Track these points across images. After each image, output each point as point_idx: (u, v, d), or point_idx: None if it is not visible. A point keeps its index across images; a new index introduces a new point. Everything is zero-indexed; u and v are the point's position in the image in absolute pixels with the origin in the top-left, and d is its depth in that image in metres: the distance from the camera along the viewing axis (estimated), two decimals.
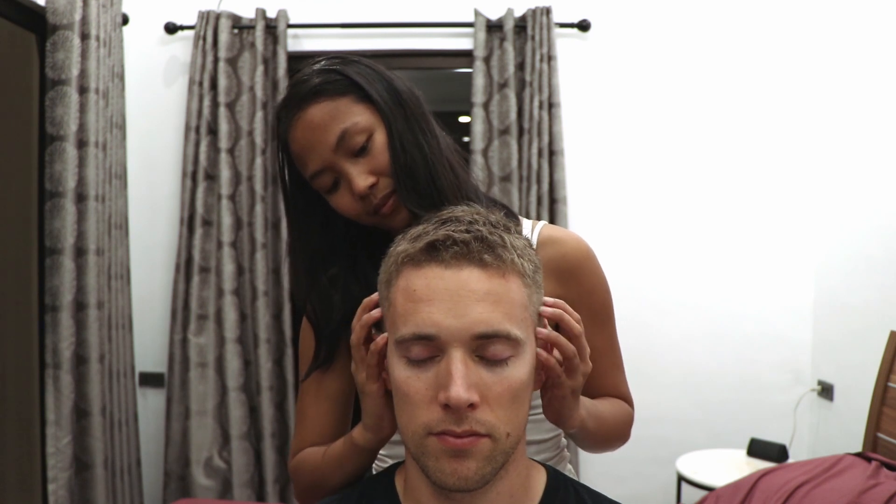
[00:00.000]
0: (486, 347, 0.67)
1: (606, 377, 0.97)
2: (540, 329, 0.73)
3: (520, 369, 0.69)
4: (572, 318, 0.75)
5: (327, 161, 0.86)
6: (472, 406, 0.66)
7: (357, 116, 0.86)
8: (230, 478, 2.64)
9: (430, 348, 0.68)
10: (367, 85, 0.88)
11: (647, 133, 2.71)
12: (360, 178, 0.86)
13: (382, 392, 0.77)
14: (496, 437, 0.67)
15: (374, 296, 0.77)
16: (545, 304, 0.75)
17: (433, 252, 0.69)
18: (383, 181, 0.87)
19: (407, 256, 0.70)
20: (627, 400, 1.00)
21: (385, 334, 0.73)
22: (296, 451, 0.96)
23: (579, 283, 0.94)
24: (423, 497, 0.74)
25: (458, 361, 0.66)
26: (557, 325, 0.75)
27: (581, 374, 0.76)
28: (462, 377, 0.65)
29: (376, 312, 0.75)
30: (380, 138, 0.87)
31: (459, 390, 0.65)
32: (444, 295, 0.67)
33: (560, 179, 2.61)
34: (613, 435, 0.94)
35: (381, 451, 1.01)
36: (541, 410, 0.94)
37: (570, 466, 1.06)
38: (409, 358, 0.69)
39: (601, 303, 0.96)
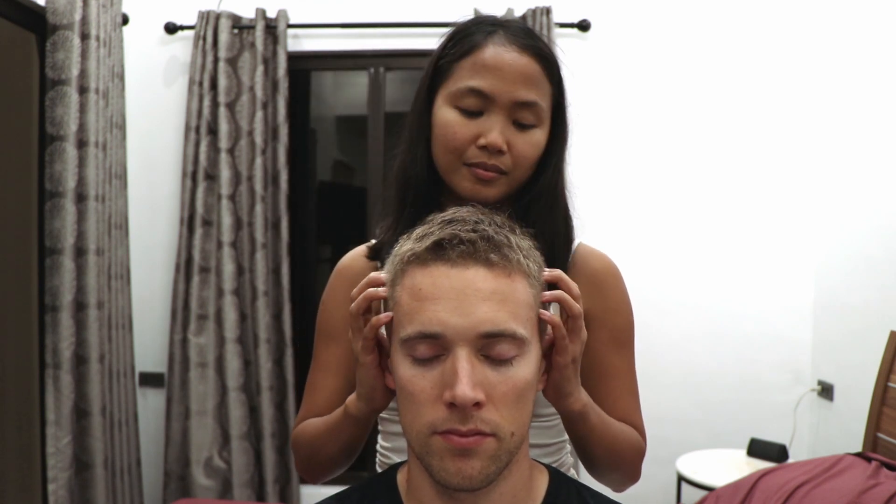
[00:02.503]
0: (491, 347, 0.67)
1: (620, 400, 0.95)
2: (545, 293, 0.73)
3: (525, 369, 0.69)
4: (570, 281, 0.75)
5: (499, 98, 0.87)
6: (477, 405, 0.66)
7: (545, 106, 0.90)
8: (230, 478, 2.64)
9: (435, 347, 0.68)
10: (565, 96, 0.94)
11: (647, 133, 2.72)
12: (501, 137, 0.87)
13: (376, 363, 0.77)
14: (501, 436, 0.67)
15: (382, 273, 0.76)
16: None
17: (439, 251, 0.69)
18: (508, 159, 0.89)
19: (413, 255, 0.70)
20: (639, 430, 0.97)
21: (389, 313, 0.73)
22: (299, 421, 0.96)
23: (605, 299, 0.94)
24: (425, 497, 0.74)
25: (464, 360, 0.66)
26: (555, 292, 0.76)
27: (580, 341, 0.76)
28: (468, 376, 0.65)
29: (382, 291, 0.75)
30: (538, 135, 0.90)
31: (465, 389, 0.64)
32: (450, 294, 0.67)
33: None
34: (619, 453, 0.90)
35: (385, 445, 1.01)
36: (546, 417, 0.94)
37: (573, 471, 1.06)
38: (415, 357, 0.69)
39: (624, 323, 0.96)
